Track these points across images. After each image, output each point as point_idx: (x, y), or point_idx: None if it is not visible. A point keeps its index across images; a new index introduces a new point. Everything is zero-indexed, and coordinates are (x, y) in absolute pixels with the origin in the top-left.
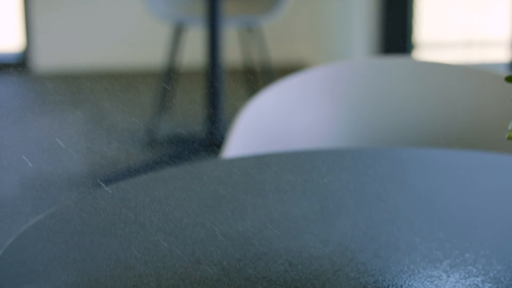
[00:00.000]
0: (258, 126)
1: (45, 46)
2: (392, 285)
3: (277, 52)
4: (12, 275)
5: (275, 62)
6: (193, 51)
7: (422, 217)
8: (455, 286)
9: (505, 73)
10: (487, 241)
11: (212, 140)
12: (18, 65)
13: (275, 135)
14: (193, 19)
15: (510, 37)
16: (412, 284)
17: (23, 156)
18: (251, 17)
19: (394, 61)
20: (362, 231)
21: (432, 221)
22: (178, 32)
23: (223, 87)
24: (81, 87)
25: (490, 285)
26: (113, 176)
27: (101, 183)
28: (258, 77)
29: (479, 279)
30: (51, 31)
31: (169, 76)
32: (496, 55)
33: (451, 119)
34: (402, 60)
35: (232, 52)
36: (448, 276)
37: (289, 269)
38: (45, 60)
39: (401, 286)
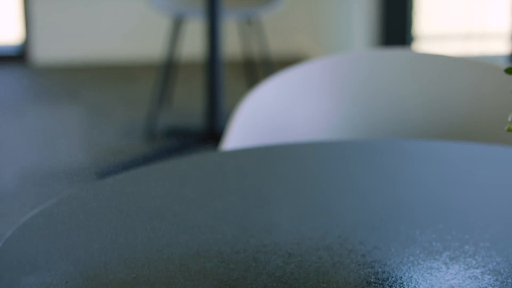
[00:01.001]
0: (258, 118)
1: (44, 38)
2: (392, 277)
3: (277, 44)
4: (12, 266)
5: (274, 54)
6: (193, 43)
7: (421, 209)
8: (454, 278)
9: (505, 64)
10: (487, 233)
11: (212, 132)
12: (17, 57)
13: (275, 127)
14: (193, 11)
15: (510, 29)
16: (411, 276)
17: (22, 148)
18: (251, 9)
19: (393, 53)
20: (362, 222)
21: (432, 213)
22: (177, 24)
23: (222, 79)
24: (80, 80)
25: (489, 277)
26: (112, 168)
27: (100, 175)
28: (258, 69)
29: (478, 271)
30: (51, 24)
31: (169, 68)
32: (496, 48)
33: (451, 111)
34: (401, 52)
35: (232, 44)
36: (448, 268)
37: (289, 261)
38: (44, 52)
39: (401, 277)
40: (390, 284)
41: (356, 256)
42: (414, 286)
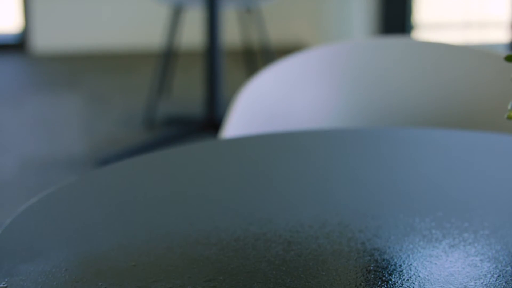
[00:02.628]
0: (257, 106)
1: (43, 27)
2: (391, 265)
3: (276, 32)
4: (11, 254)
5: (274, 42)
6: (192, 32)
7: (421, 197)
8: (454, 265)
9: (505, 52)
10: (486, 221)
11: (211, 120)
12: (16, 46)
13: (274, 115)
14: (192, 0)
15: (510, 17)
16: (411, 264)
17: (22, 137)
18: None
19: (392, 41)
20: (361, 210)
21: (431, 201)
22: (177, 13)
23: (222, 67)
24: (80, 68)
25: (488, 264)
26: (112, 157)
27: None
28: (257, 57)
29: (477, 258)
30: (50, 12)
31: (168, 57)
32: (496, 36)
33: (450, 99)
34: (400, 40)
35: (231, 33)
36: (447, 256)
37: (288, 248)
38: (44, 41)
39: (400, 265)
40: (389, 271)
41: (356, 244)
42: (414, 273)
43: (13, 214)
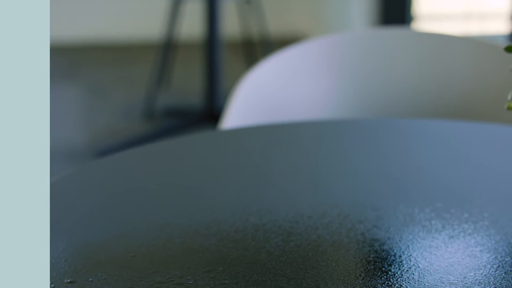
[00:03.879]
0: (257, 98)
1: None
2: (391, 256)
3: (275, 24)
4: None
5: (273, 34)
6: (192, 24)
7: (420, 188)
8: (453, 256)
9: (504, 43)
10: (486, 211)
11: (211, 112)
12: None
13: (273, 106)
14: None
15: (510, 9)
16: (411, 254)
17: None
18: None
19: (392, 32)
20: (361, 201)
21: (431, 192)
22: (176, 5)
23: (221, 59)
24: (79, 60)
25: (488, 255)
26: (111, 148)
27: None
28: (257, 48)
29: (477, 249)
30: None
31: (168, 48)
32: (496, 27)
33: (450, 90)
34: (400, 31)
35: (231, 24)
36: (447, 247)
37: (288, 239)
38: None
39: (400, 256)
40: (389, 262)
41: (355, 234)
42: (413, 264)
43: None
